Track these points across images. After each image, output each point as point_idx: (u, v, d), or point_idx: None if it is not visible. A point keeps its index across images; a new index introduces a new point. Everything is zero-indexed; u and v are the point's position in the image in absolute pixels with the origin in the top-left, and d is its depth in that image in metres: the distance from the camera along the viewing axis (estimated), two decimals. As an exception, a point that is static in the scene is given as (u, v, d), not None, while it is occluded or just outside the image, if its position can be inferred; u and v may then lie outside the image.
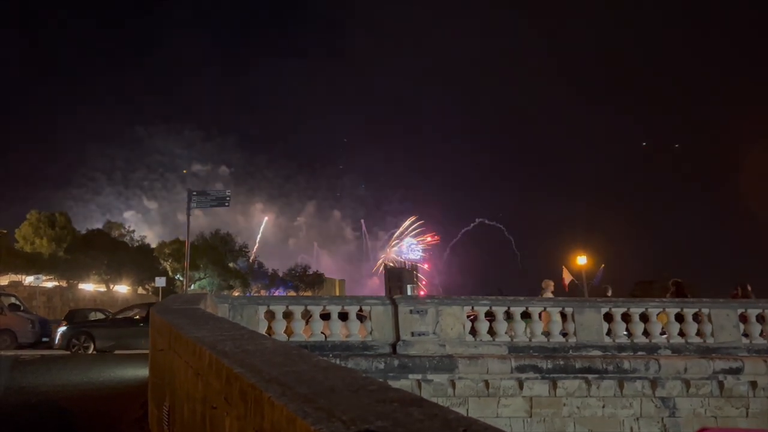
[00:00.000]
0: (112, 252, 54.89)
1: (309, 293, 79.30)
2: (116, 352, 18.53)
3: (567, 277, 34.06)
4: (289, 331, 12.38)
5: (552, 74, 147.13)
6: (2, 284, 45.46)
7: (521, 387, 11.91)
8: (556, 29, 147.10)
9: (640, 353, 12.58)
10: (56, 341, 19.67)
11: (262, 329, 11.99)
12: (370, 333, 12.47)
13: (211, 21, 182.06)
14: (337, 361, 10.15)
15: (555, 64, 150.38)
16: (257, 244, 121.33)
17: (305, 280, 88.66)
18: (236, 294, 55.46)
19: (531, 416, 11.93)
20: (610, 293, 16.24)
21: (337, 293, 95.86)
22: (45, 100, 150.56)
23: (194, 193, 23.71)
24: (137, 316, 20.06)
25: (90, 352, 18.81)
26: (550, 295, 15.58)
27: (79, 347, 18.89)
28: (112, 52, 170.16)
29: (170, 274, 56.82)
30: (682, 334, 13.11)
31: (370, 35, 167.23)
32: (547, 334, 12.77)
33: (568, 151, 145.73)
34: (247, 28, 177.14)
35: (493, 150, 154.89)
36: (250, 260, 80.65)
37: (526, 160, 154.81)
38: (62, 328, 20.04)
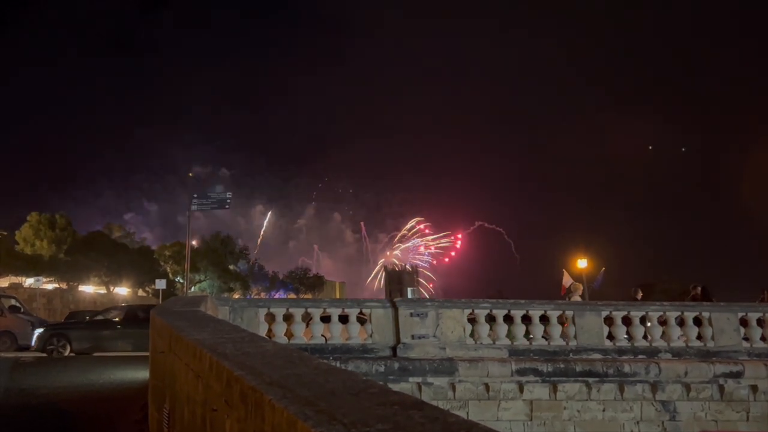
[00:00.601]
0: (112, 254, 54.83)
1: (309, 296, 79.15)
2: (95, 354, 18.23)
3: (567, 281, 33.98)
4: (289, 334, 12.38)
5: (552, 76, 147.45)
6: (2, 286, 45.40)
7: (521, 390, 11.89)
8: (554, 30, 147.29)
9: (640, 357, 12.58)
10: (33, 343, 19.21)
11: (263, 332, 11.98)
12: (371, 336, 12.46)
13: (211, 22, 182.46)
14: (338, 364, 10.16)
15: (555, 66, 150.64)
16: (258, 245, 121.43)
17: (305, 282, 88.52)
18: (236, 296, 55.44)
19: (531, 419, 11.92)
20: (640, 296, 15.97)
21: (338, 296, 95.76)
22: (45, 101, 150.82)
23: (195, 195, 23.79)
24: (116, 318, 19.89)
25: (66, 354, 18.38)
26: (578, 299, 15.54)
27: (55, 349, 18.42)
28: (113, 54, 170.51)
29: (170, 276, 56.75)
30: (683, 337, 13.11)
31: (372, 36, 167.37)
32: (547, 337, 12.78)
33: (569, 152, 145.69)
34: (248, 29, 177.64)
35: (494, 153, 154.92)
36: (251, 262, 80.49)
37: (526, 163, 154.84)
38: (39, 330, 19.55)
